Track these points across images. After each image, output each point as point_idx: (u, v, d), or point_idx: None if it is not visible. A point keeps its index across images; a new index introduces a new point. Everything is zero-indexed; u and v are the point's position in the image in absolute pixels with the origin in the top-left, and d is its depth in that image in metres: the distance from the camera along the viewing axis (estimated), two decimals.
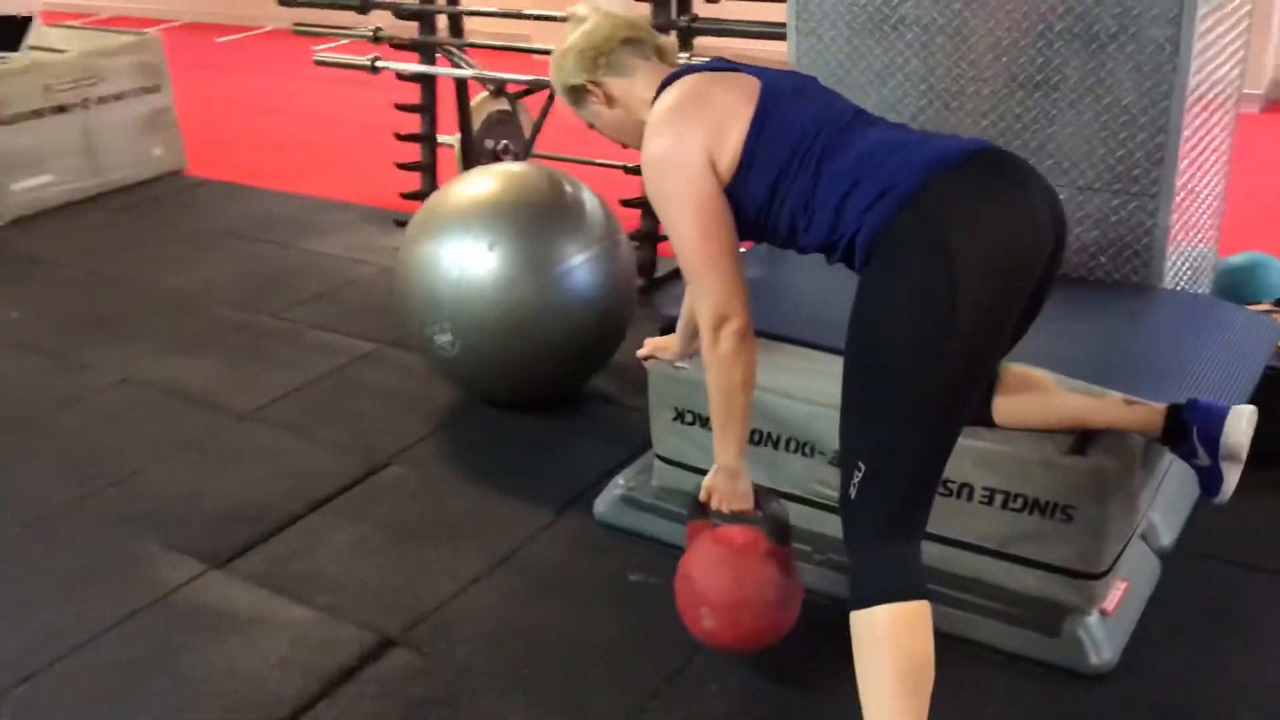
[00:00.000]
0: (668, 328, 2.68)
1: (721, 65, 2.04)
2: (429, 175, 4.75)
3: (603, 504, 2.74)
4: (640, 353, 2.59)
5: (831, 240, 1.89)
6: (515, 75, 4.27)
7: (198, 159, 5.82)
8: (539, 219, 3.05)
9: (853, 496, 1.80)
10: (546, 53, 2.23)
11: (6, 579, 2.66)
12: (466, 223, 3.02)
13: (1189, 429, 2.07)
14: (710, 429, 2.11)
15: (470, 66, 4.45)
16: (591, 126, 2.20)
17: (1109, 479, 2.13)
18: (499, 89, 4.38)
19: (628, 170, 3.99)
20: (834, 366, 1.88)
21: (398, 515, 2.84)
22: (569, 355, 3.12)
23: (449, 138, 4.78)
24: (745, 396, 2.02)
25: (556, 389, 3.24)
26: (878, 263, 1.80)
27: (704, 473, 2.57)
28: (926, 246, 1.74)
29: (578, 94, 2.12)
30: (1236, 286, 3.29)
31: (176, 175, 5.68)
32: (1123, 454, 2.16)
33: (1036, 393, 2.17)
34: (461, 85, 4.64)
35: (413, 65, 4.60)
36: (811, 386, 2.37)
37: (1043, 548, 2.22)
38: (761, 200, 1.94)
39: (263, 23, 9.37)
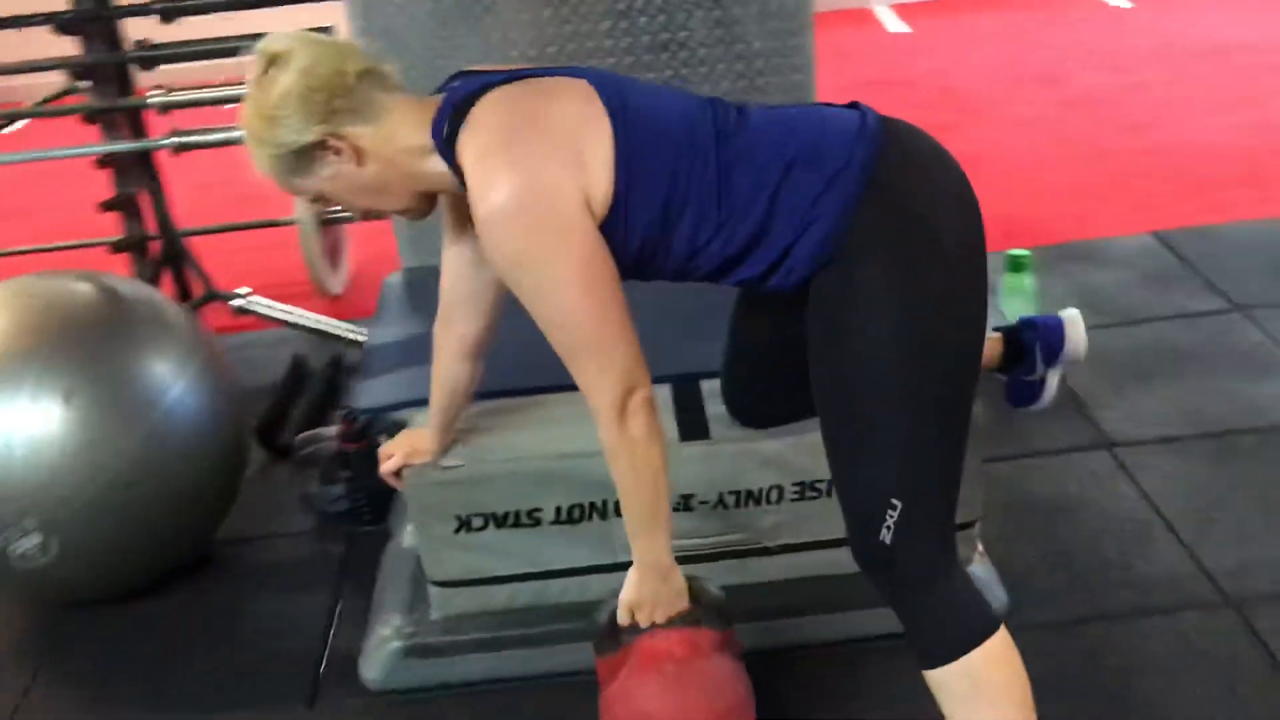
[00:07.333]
0: (376, 424, 2.12)
1: (516, 74, 1.56)
2: None
3: (374, 668, 2.10)
4: (386, 467, 1.98)
5: (754, 246, 1.53)
6: None
7: None
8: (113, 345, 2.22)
9: (888, 543, 1.51)
10: None
11: None
12: (17, 376, 2.11)
13: (1031, 347, 2.07)
14: (507, 526, 1.95)
15: None
16: (318, 200, 1.59)
17: None
18: None
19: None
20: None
21: None
22: (195, 507, 2.34)
23: None
24: (666, 477, 1.62)
25: (190, 552, 2.43)
26: (847, 266, 1.48)
27: (513, 580, 2.12)
28: (913, 234, 1.47)
29: (305, 159, 1.50)
30: None
31: None
32: None
33: None
34: None
35: None
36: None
37: None
38: (652, 222, 1.52)
39: None
